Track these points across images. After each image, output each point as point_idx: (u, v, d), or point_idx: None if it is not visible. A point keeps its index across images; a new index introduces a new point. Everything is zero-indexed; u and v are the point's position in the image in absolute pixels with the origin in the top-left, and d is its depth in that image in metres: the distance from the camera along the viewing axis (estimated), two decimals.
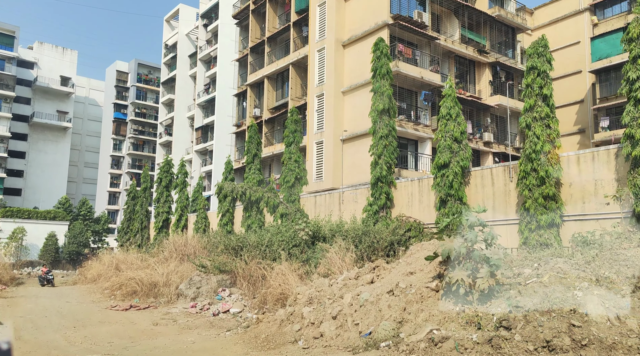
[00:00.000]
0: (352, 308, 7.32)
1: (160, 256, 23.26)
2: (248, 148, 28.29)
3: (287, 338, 7.84)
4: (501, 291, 6.36)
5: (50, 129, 66.40)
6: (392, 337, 6.35)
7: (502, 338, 5.62)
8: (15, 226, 49.41)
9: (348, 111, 29.16)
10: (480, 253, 6.56)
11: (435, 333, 6.07)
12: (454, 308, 6.48)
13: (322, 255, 17.87)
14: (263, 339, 8.20)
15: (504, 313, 5.94)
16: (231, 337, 9.57)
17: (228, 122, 49.68)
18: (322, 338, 7.35)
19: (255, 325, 9.17)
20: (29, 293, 22.77)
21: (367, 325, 6.98)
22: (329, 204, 23.91)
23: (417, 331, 6.23)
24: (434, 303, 6.69)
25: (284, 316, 8.49)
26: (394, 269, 8.11)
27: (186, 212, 33.72)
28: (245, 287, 17.75)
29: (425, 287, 6.95)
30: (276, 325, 8.43)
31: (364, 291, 7.61)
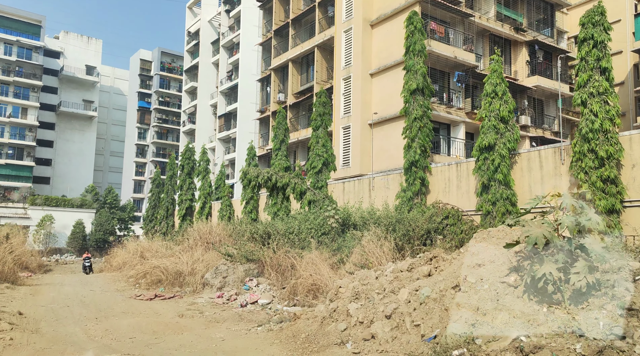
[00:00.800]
0: (410, 306, 6.17)
1: (185, 244, 22.46)
2: (275, 134, 27.20)
3: (332, 339, 6.75)
4: (600, 289, 5.15)
5: (77, 118, 66.59)
6: (465, 343, 5.20)
7: (617, 349, 4.43)
8: (44, 213, 49.65)
9: (376, 94, 27.77)
10: (577, 242, 5.33)
11: (523, 340, 4.90)
12: (539, 309, 5.28)
13: (354, 244, 16.75)
14: (303, 339, 7.13)
15: (613, 317, 4.74)
16: (264, 335, 8.54)
17: (251, 109, 48.72)
18: (374, 341, 6.23)
19: (292, 321, 8.11)
20: (55, 281, 22.27)
21: (431, 326, 5.83)
22: (358, 190, 22.70)
23: (498, 336, 5.07)
24: (513, 301, 5.50)
25: (325, 312, 7.39)
26: (455, 260, 6.93)
27: (209, 199, 32.94)
28: (274, 277, 16.74)
29: (500, 282, 5.76)
30: (317, 322, 7.36)
31: (422, 285, 6.45)
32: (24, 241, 29.55)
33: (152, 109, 66.80)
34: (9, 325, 9.21)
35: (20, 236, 29.22)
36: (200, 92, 56.35)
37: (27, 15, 60.67)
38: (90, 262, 29.45)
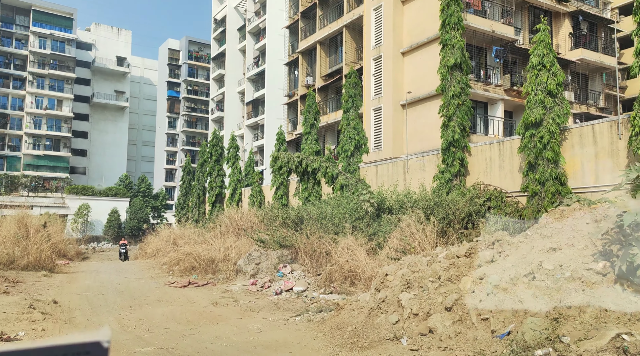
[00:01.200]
0: (475, 297, 5.39)
1: (217, 231, 22.10)
2: (305, 117, 26.45)
3: (383, 333, 6.02)
4: None
5: (109, 109, 67.42)
6: (548, 341, 4.40)
7: None
8: (81, 202, 50.60)
9: (408, 73, 26.59)
10: None
11: (626, 338, 4.08)
12: (638, 301, 4.44)
13: (390, 228, 15.96)
14: (350, 333, 6.43)
15: None
16: (304, 326, 7.89)
17: (278, 95, 48.04)
18: (432, 336, 5.47)
19: (334, 312, 7.43)
20: (91, 268, 22.32)
21: (503, 321, 5.03)
22: (392, 173, 21.78)
23: (591, 334, 4.24)
24: (604, 292, 4.65)
25: (372, 302, 6.67)
26: (523, 244, 6.10)
27: (240, 186, 32.57)
28: (308, 263, 16.13)
29: (585, 269, 4.90)
30: (363, 314, 6.65)
31: (488, 273, 5.64)
32: (62, 229, 29.93)
33: (181, 98, 66.99)
34: (42, 314, 8.86)
35: (58, 224, 29.58)
36: (228, 80, 55.98)
37: (60, 8, 61.34)
38: (126, 249, 29.28)
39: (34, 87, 60.29)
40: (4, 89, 59.41)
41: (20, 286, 13.63)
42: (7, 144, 60.41)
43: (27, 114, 60.18)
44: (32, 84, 60.25)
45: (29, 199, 49.83)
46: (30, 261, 17.98)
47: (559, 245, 5.35)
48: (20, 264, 17.44)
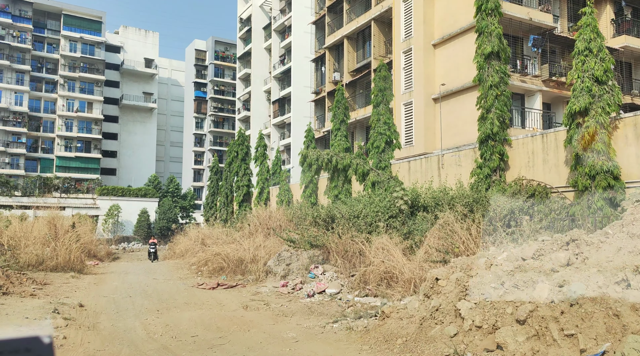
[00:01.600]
0: (556, 309, 4.55)
1: (245, 231, 21.59)
2: (334, 113, 25.73)
3: (440, 348, 5.25)
4: None
5: (138, 110, 68.18)
6: None
7: None
8: (111, 203, 51.19)
9: (440, 65, 25.55)
10: None
11: None
12: None
13: (426, 227, 15.08)
14: (401, 346, 5.67)
15: None
16: (344, 335, 7.17)
17: (305, 93, 47.44)
18: (502, 353, 4.67)
19: (379, 321, 6.68)
20: (119, 269, 22.13)
21: (594, 338, 4.21)
22: (425, 169, 20.84)
23: None
24: None
25: (423, 311, 5.88)
26: (604, 244, 5.25)
27: (267, 185, 32.08)
28: (340, 264, 15.39)
29: None
30: (414, 324, 5.88)
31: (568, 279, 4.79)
32: (92, 229, 30.02)
33: (208, 98, 67.19)
34: (65, 320, 8.38)
35: (88, 224, 29.67)
36: (254, 79, 55.73)
37: (89, 12, 62.31)
38: (156, 248, 28.43)
39: (65, 90, 61.42)
40: (37, 93, 60.71)
41: (47, 288, 13.34)
42: (41, 146, 61.74)
43: (59, 117, 61.36)
44: (63, 87, 61.38)
45: (61, 201, 50.72)
46: (59, 262, 17.80)
47: None
48: (49, 265, 17.27)
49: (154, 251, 28.12)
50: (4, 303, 9.80)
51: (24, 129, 58.99)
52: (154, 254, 28.10)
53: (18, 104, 59.03)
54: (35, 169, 60.73)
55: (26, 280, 13.17)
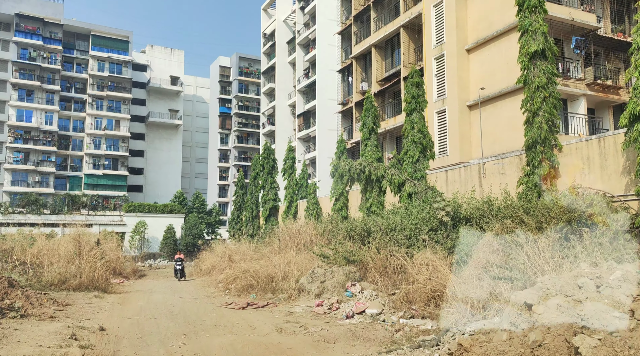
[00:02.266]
0: None
1: (275, 246, 20.55)
2: (364, 122, 24.68)
3: None
4: None
5: (164, 127, 68.58)
6: None
7: None
8: (137, 220, 51.01)
9: (474, 71, 24.34)
10: None
11: None
12: None
13: (473, 240, 13.77)
14: None
15: None
16: None
17: (329, 106, 46.68)
18: None
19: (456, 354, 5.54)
20: (145, 287, 21.31)
21: None
22: (465, 179, 19.51)
23: None
24: None
25: (519, 346, 4.68)
26: None
27: (296, 198, 31.10)
28: (379, 281, 14.18)
29: None
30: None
31: None
32: (117, 246, 29.47)
33: (233, 114, 67.15)
34: (81, 349, 7.40)
35: (114, 241, 29.14)
36: (278, 93, 55.37)
37: (116, 32, 63.33)
38: (183, 265, 25.55)
39: (93, 109, 62.21)
40: (66, 112, 61.65)
41: (68, 309, 12.50)
42: (70, 164, 62.45)
43: (87, 135, 62.07)
44: (91, 106, 62.20)
45: (88, 218, 50.83)
46: (83, 280, 17.06)
47: None
48: (72, 284, 16.54)
49: (180, 268, 25.33)
50: (18, 328, 8.95)
51: (53, 148, 59.80)
52: (180, 271, 25.30)
53: (48, 124, 59.98)
54: (64, 187, 61.36)
55: (47, 301, 12.36)
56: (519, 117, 21.89)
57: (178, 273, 25.41)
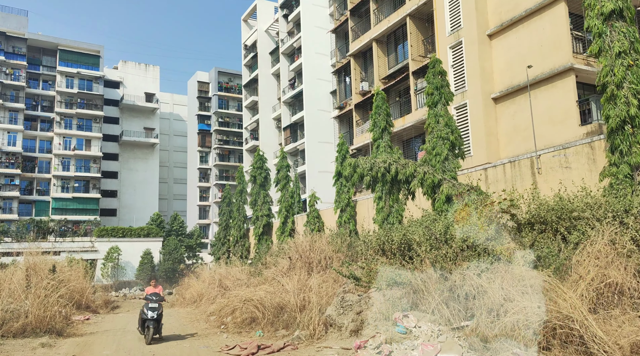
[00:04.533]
0: None
1: (280, 266, 16.31)
2: (374, 121, 20.97)
3: None
4: None
5: (139, 146, 63.62)
6: None
7: None
8: (110, 245, 45.71)
9: (499, 59, 21.01)
10: None
11: None
12: None
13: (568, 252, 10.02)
14: None
15: None
16: None
17: (319, 116, 43.10)
18: None
19: None
20: (117, 325, 16.65)
21: None
22: (511, 177, 15.84)
23: None
24: None
25: None
26: None
27: (292, 213, 26.92)
28: (441, 309, 10.15)
29: None
30: None
31: None
32: (85, 274, 24.60)
33: (213, 131, 62.82)
34: None
35: (81, 269, 24.31)
36: (262, 106, 51.53)
37: (86, 46, 58.73)
38: (160, 310, 12.52)
39: (61, 128, 56.98)
40: (31, 132, 56.23)
41: None
42: (36, 188, 56.69)
43: (56, 156, 56.63)
44: (59, 125, 56.96)
45: (56, 245, 45.17)
46: (30, 321, 12.46)
47: None
48: (12, 328, 11.93)
49: (155, 316, 12.27)
50: None
51: (17, 170, 54.11)
52: (154, 321, 12.25)
53: (11, 144, 54.39)
54: (29, 213, 55.41)
55: None
56: (558, 108, 18.51)
57: (150, 326, 12.14)
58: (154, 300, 12.58)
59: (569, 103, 17.75)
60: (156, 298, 12.69)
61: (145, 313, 12.28)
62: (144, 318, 12.29)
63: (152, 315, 12.21)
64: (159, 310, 12.44)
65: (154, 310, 12.35)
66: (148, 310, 12.29)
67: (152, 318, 12.18)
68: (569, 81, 17.78)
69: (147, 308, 12.35)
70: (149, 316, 12.20)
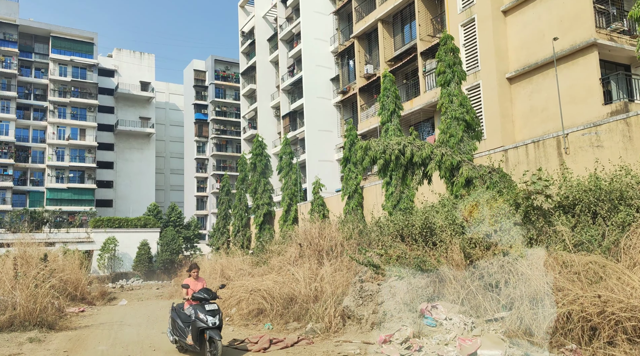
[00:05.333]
0: None
1: (288, 255, 15.23)
2: (383, 104, 19.83)
3: None
4: None
5: (135, 136, 62.19)
6: None
7: None
8: (107, 236, 44.46)
9: (514, 36, 19.87)
10: None
11: None
12: None
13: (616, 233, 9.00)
14: None
15: None
16: None
17: (319, 104, 41.71)
18: None
19: None
20: (113, 317, 15.54)
21: None
22: (535, 158, 14.78)
23: None
24: None
25: None
26: None
27: (295, 201, 25.80)
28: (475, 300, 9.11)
29: None
30: None
31: None
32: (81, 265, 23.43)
33: (210, 121, 61.40)
34: None
35: (76, 260, 23.13)
36: (260, 94, 50.13)
37: (79, 33, 57.01)
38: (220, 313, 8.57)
39: (55, 117, 55.43)
40: (24, 121, 54.67)
41: None
42: (30, 178, 55.26)
43: (49, 146, 55.15)
44: (53, 114, 55.41)
45: (50, 236, 43.87)
46: (18, 313, 11.31)
47: None
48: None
49: (216, 321, 8.36)
50: None
51: (10, 160, 52.64)
52: (217, 331, 8.30)
53: (4, 134, 52.88)
54: (23, 204, 54.03)
55: None
56: (580, 86, 17.43)
57: (215, 339, 8.09)
58: (208, 299, 8.56)
59: (591, 81, 16.68)
60: (210, 296, 8.67)
61: (201, 319, 8.14)
62: (199, 327, 8.11)
63: (213, 321, 8.18)
64: (219, 313, 8.45)
65: (214, 313, 8.32)
66: (206, 315, 8.19)
67: (215, 325, 8.17)
68: (592, 57, 16.70)
69: (202, 312, 8.24)
70: (210, 323, 8.09)
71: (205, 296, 8.61)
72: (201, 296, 8.58)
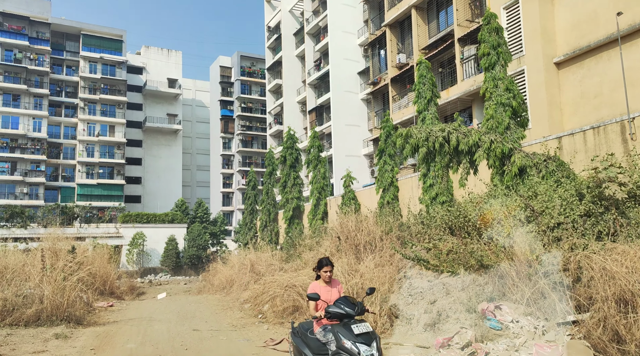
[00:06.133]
0: None
1: (322, 249, 14.29)
2: (418, 92, 18.65)
3: None
4: None
5: (162, 133, 62.36)
6: None
7: None
8: (135, 231, 44.49)
9: (562, 17, 18.42)
10: None
11: None
12: None
13: None
14: None
15: None
16: None
17: (346, 98, 40.64)
18: None
19: None
20: (142, 312, 14.90)
21: None
22: (596, 145, 13.42)
23: None
24: None
25: None
26: None
27: (324, 195, 24.84)
28: (544, 300, 7.97)
29: None
30: None
31: None
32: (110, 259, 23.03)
33: (235, 117, 61.04)
34: None
35: (105, 254, 22.73)
36: (286, 89, 49.36)
37: (109, 31, 57.36)
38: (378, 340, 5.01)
39: (85, 114, 55.92)
40: (56, 118, 55.31)
41: None
42: (61, 174, 55.94)
43: (80, 142, 55.68)
44: (83, 111, 55.91)
45: (81, 231, 44.15)
46: (45, 307, 10.71)
47: None
48: (25, 315, 10.19)
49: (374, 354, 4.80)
50: None
51: (43, 156, 53.32)
52: None
53: (36, 130, 53.57)
54: (55, 199, 54.67)
55: None
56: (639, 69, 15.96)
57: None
58: (353, 315, 5.16)
59: None
60: (356, 310, 5.19)
61: (348, 350, 4.80)
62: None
63: (368, 352, 4.80)
64: (377, 338, 5.02)
65: (368, 339, 4.96)
66: (355, 342, 4.84)
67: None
68: None
69: (348, 337, 4.88)
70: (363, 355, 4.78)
71: (349, 311, 5.11)
72: (342, 312, 5.08)
